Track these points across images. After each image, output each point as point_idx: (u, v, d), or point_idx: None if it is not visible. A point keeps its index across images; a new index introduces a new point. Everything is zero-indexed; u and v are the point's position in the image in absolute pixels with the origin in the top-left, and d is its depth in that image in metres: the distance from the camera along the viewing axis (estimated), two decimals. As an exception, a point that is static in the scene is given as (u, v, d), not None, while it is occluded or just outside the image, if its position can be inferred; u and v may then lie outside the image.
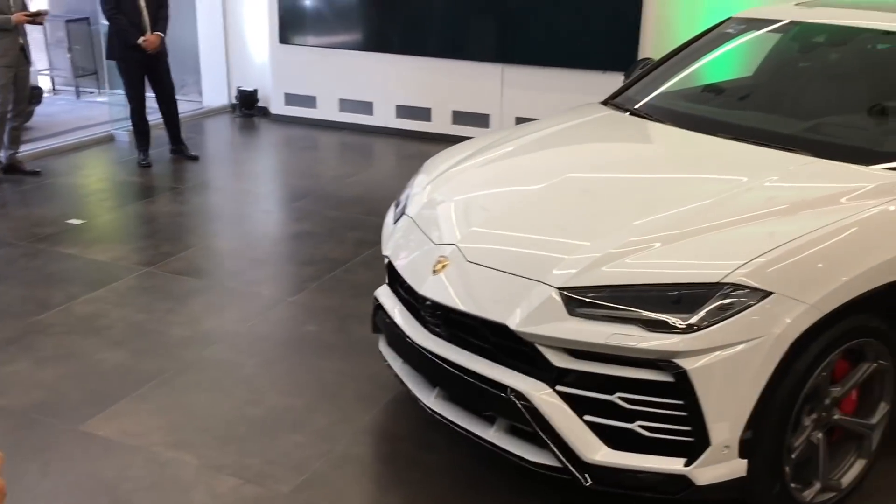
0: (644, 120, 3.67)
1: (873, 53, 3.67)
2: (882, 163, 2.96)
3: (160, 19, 6.61)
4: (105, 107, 8.48)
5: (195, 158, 6.95)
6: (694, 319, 2.43)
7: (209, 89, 8.96)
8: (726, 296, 2.45)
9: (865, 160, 2.98)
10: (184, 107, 8.66)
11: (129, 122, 6.94)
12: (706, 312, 2.44)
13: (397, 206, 3.53)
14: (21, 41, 6.19)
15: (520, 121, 7.35)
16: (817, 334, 2.52)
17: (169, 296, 4.46)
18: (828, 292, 2.50)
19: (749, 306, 2.44)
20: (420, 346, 2.93)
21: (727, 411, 2.46)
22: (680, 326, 2.43)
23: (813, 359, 2.52)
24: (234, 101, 8.79)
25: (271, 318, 4.25)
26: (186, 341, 3.98)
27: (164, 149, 7.15)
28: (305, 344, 3.99)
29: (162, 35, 6.60)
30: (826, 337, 2.54)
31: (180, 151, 7.01)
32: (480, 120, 7.72)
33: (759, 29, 3.97)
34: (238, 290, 4.58)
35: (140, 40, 6.47)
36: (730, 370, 2.44)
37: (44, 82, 9.51)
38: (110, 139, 7.66)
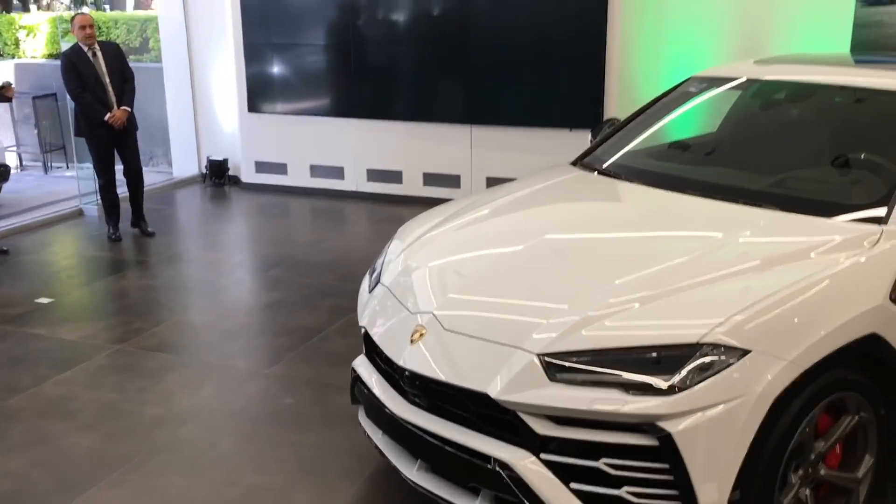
0: (614, 179, 3.70)
1: (832, 108, 3.76)
2: (848, 213, 3.01)
3: (126, 93, 6.59)
4: (73, 181, 8.42)
5: (151, 234, 6.82)
6: (675, 380, 2.42)
7: (179, 160, 8.96)
8: (706, 355, 2.44)
9: (832, 212, 3.02)
10: (154, 178, 8.68)
11: (98, 197, 6.90)
12: (687, 373, 2.43)
13: (372, 273, 3.51)
14: None
15: (491, 181, 7.41)
16: (799, 390, 2.51)
17: (141, 373, 4.37)
18: (806, 347, 2.51)
19: (729, 365, 2.43)
20: (400, 418, 2.88)
21: (714, 472, 2.43)
22: (662, 388, 2.42)
23: (796, 415, 2.52)
24: (204, 170, 8.78)
25: (247, 392, 4.17)
26: (160, 421, 3.88)
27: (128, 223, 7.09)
28: (283, 418, 3.91)
29: (128, 109, 6.58)
30: (808, 392, 2.54)
31: (139, 226, 6.90)
32: (451, 181, 7.78)
33: (719, 87, 4.06)
34: (212, 365, 4.50)
35: (107, 117, 6.44)
36: (714, 431, 2.42)
37: (11, 159, 9.45)
38: (79, 214, 7.60)
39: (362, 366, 3.24)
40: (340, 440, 3.66)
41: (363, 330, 3.23)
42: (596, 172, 3.81)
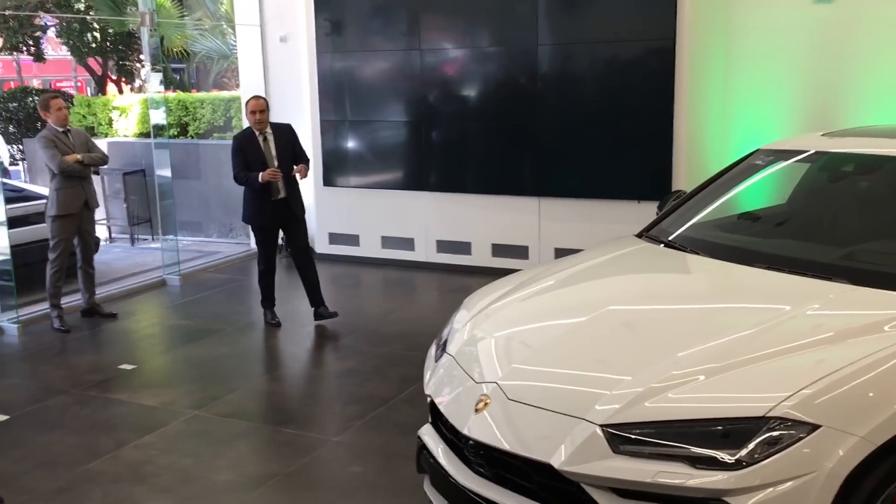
0: (679, 251, 3.72)
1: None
2: (921, 288, 2.95)
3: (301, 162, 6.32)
4: (158, 253, 8.81)
5: (333, 315, 6.43)
6: (742, 455, 2.39)
7: (256, 232, 9.27)
8: (773, 429, 2.41)
9: (904, 286, 2.98)
10: (233, 249, 9.01)
11: (179, 268, 7.12)
12: (754, 447, 2.40)
13: (439, 342, 3.58)
14: (85, 193, 6.54)
15: (558, 251, 7.45)
16: (873, 467, 2.45)
17: (216, 439, 4.50)
18: (879, 423, 2.45)
19: (799, 440, 2.40)
20: (464, 487, 2.90)
21: (784, 551, 2.37)
22: (728, 462, 2.39)
23: (869, 494, 2.44)
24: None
25: (316, 459, 4.24)
26: (232, 486, 3.97)
27: (208, 294, 7.35)
28: (351, 486, 3.96)
29: (305, 169, 6.25)
30: (882, 470, 2.47)
31: (317, 311, 6.50)
32: (520, 252, 7.85)
33: (786, 160, 4.06)
34: (283, 432, 4.59)
35: (262, 175, 6.04)
36: (784, 508, 2.37)
37: (101, 231, 9.96)
38: (162, 284, 7.93)
39: (428, 435, 3.28)
40: (407, 510, 3.68)
41: (429, 399, 3.29)
42: (662, 244, 3.83)
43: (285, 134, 6.35)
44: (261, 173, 6.07)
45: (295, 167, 6.24)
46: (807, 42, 6.70)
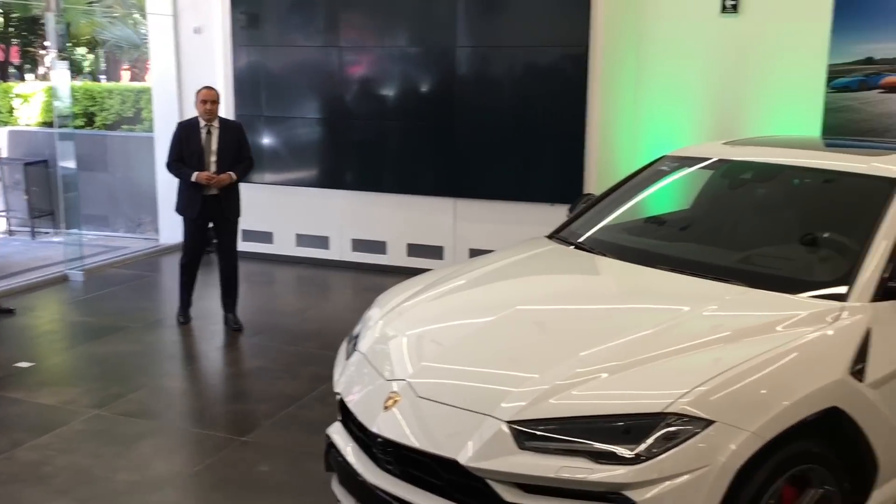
0: (588, 253, 3.81)
1: (797, 188, 3.91)
2: (811, 290, 3.11)
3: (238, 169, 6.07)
4: (60, 247, 8.48)
5: (238, 329, 6.15)
6: (640, 449, 2.47)
7: (166, 227, 9.04)
8: (671, 425, 2.50)
9: (796, 289, 3.13)
10: (141, 244, 8.75)
11: (82, 263, 6.88)
12: (652, 442, 2.48)
13: (350, 340, 3.57)
14: None
15: (473, 252, 7.52)
16: (762, 461, 2.57)
17: (117, 440, 4.36)
18: (769, 419, 2.57)
19: (694, 435, 2.49)
20: (372, 485, 2.90)
21: (679, 542, 2.46)
22: (627, 457, 2.47)
23: (759, 487, 2.56)
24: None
25: (223, 459, 4.17)
26: (133, 487, 3.86)
27: (113, 290, 7.14)
28: (257, 485, 3.91)
29: (232, 176, 5.98)
30: (771, 463, 2.59)
31: (227, 319, 6.27)
32: (435, 252, 7.88)
33: (690, 166, 4.21)
34: (189, 431, 4.49)
35: (195, 176, 5.85)
36: (679, 500, 2.46)
37: (-1, 224, 9.54)
38: (64, 279, 7.63)
39: (337, 433, 3.27)
40: (314, 509, 3.65)
41: (338, 396, 3.27)
42: (571, 246, 3.92)
43: (232, 132, 6.09)
44: (196, 173, 5.85)
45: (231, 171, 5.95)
46: (713, 53, 6.96)
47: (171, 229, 8.96)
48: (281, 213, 8.38)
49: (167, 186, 8.83)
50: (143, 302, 6.96)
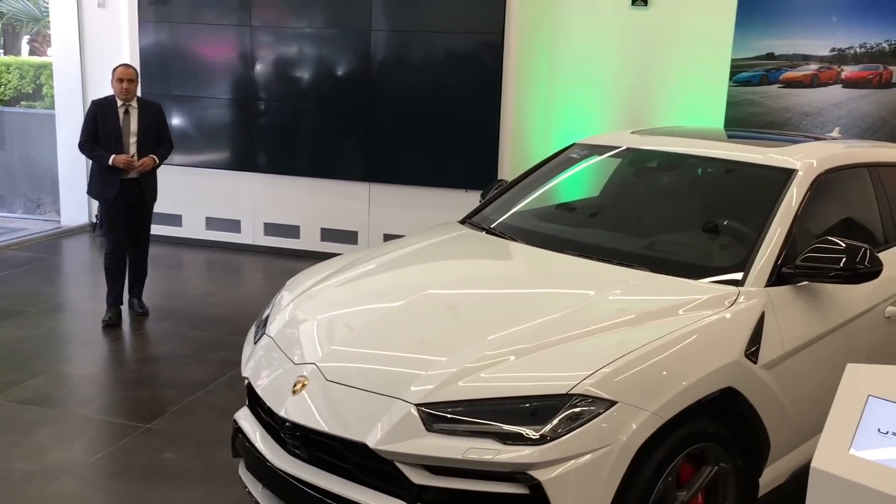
0: (498, 238, 3.85)
1: (698, 176, 4.05)
2: (710, 276, 3.23)
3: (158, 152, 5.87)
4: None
5: (144, 314, 5.99)
6: (546, 430, 2.52)
7: (68, 208, 8.70)
8: (575, 406, 2.55)
9: (696, 274, 3.24)
10: (41, 226, 8.39)
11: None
12: (557, 423, 2.53)
13: (259, 324, 3.51)
14: None
15: (388, 237, 7.51)
16: (661, 440, 2.65)
17: (12, 428, 4.18)
18: (668, 399, 2.65)
19: (597, 415, 2.55)
20: (280, 470, 2.87)
21: (582, 520, 2.53)
22: (533, 438, 2.51)
23: (658, 464, 2.64)
24: (94, 219, 8.55)
25: (126, 446, 4.05)
26: (30, 477, 3.72)
27: (9, 273, 6.83)
28: (162, 473, 3.81)
29: (155, 160, 5.77)
30: (669, 442, 2.68)
31: (131, 304, 6.06)
32: (349, 237, 7.84)
33: (600, 154, 4.30)
34: (90, 419, 4.35)
35: (112, 160, 5.57)
36: (582, 479, 2.52)
37: None
38: (-44, 261, 7.26)
39: (244, 418, 3.22)
40: (222, 495, 3.60)
41: (246, 381, 3.22)
42: (483, 231, 3.95)
43: (152, 113, 5.82)
44: (113, 156, 5.55)
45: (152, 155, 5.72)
46: (624, 44, 7.13)
47: (74, 211, 8.65)
48: (190, 196, 8.17)
49: (70, 166, 8.53)
50: (42, 286, 6.68)
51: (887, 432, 2.04)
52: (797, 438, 3.22)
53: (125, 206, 5.79)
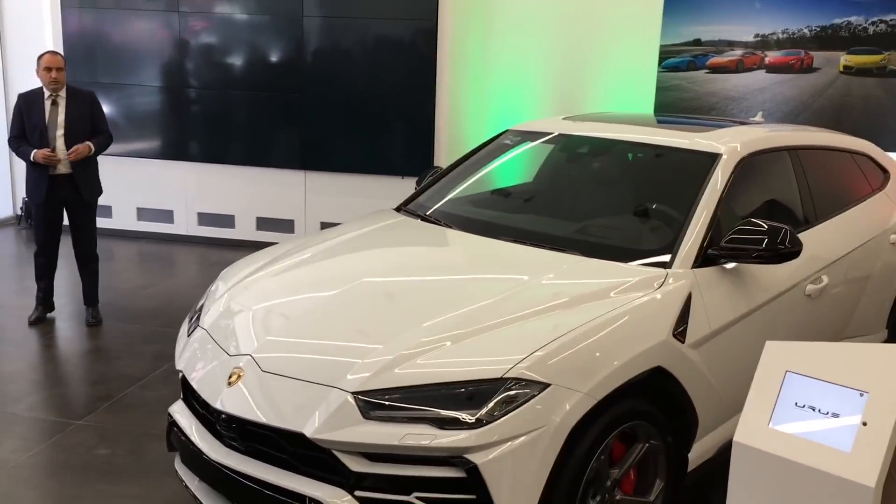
0: (434, 225, 3.87)
1: (627, 161, 4.13)
2: (639, 258, 3.30)
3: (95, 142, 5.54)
4: None
5: (96, 323, 5.65)
6: (481, 414, 2.56)
7: (-9, 200, 8.43)
8: (510, 389, 2.60)
9: (626, 257, 3.31)
10: (-39, 220, 8.08)
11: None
12: (492, 406, 2.57)
13: (193, 316, 3.47)
14: None
15: (325, 225, 7.48)
16: (594, 420, 2.72)
17: (-64, 428, 4.06)
18: (599, 380, 2.72)
19: (532, 398, 2.60)
20: (216, 462, 2.85)
21: (518, 500, 2.57)
22: (469, 422, 2.55)
23: (591, 444, 2.71)
24: (19, 212, 8.30)
25: (58, 444, 3.97)
26: (-44, 478, 3.62)
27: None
28: (96, 469, 3.75)
29: (90, 147, 5.45)
30: (602, 422, 2.75)
31: (89, 315, 5.72)
32: (285, 225, 7.77)
33: (533, 140, 4.35)
34: (19, 417, 4.24)
35: (34, 154, 5.30)
36: (517, 461, 2.56)
37: None
38: None
39: (179, 412, 3.18)
40: (158, 490, 3.55)
41: (180, 374, 3.19)
42: (418, 218, 3.97)
43: (83, 102, 5.50)
44: (34, 151, 5.27)
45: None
46: (555, 30, 7.19)
47: (-2, 203, 8.37)
48: (120, 186, 7.96)
49: (-8, 157, 8.24)
50: (-36, 281, 6.46)
51: (804, 406, 2.14)
52: (724, 414, 3.33)
53: (57, 206, 5.50)
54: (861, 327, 4.27)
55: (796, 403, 2.15)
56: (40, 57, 5.48)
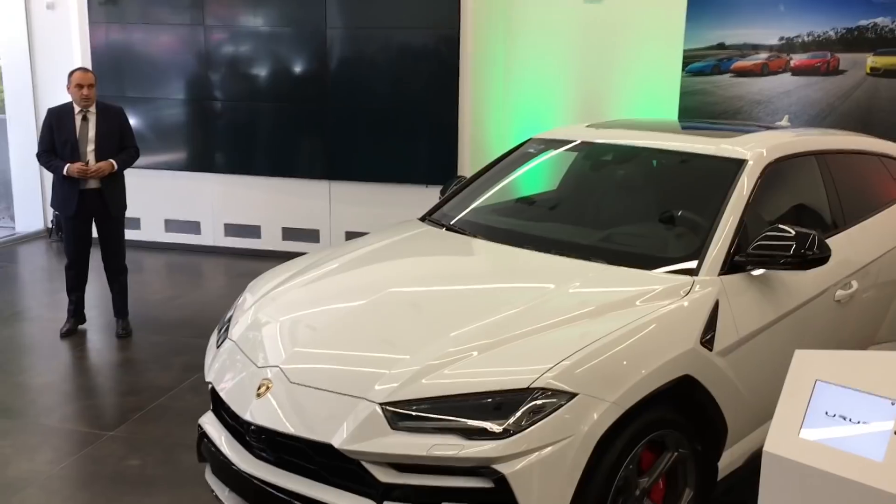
0: (459, 234, 3.88)
1: (653, 168, 4.12)
2: (666, 266, 3.29)
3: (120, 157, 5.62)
4: None
5: (126, 335, 5.70)
6: (508, 424, 2.56)
7: (23, 214, 8.56)
8: (537, 399, 2.60)
9: (652, 265, 3.30)
10: (-6, 233, 8.24)
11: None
12: (520, 416, 2.57)
13: (221, 328, 3.51)
14: None
15: (349, 235, 7.52)
16: (622, 429, 2.71)
17: (-28, 440, 4.13)
18: (627, 389, 2.71)
19: (559, 407, 2.60)
20: (246, 473, 2.88)
21: (546, 510, 2.58)
22: (496, 432, 2.55)
23: (619, 453, 2.70)
24: (50, 225, 8.43)
25: (90, 455, 4.02)
26: (-8, 489, 3.68)
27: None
28: (128, 480, 3.79)
29: (113, 164, 5.49)
30: (630, 431, 2.74)
31: (119, 327, 5.78)
32: (311, 235, 7.82)
33: (556, 148, 4.35)
34: (52, 428, 4.30)
35: (67, 169, 5.36)
36: (545, 470, 2.56)
37: None
38: None
39: (209, 423, 3.22)
40: (189, 501, 3.59)
41: (210, 386, 3.22)
42: (443, 228, 3.98)
43: (112, 118, 5.56)
44: (68, 165, 5.33)
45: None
46: (578, 38, 7.19)
47: (30, 217, 8.51)
48: (148, 198, 8.07)
49: (23, 171, 8.39)
50: (-2, 294, 6.57)
51: (834, 415, 2.12)
52: (753, 422, 3.31)
53: (87, 219, 5.60)
54: (892, 332, 4.22)
55: (826, 412, 2.13)
56: (71, 74, 5.56)
